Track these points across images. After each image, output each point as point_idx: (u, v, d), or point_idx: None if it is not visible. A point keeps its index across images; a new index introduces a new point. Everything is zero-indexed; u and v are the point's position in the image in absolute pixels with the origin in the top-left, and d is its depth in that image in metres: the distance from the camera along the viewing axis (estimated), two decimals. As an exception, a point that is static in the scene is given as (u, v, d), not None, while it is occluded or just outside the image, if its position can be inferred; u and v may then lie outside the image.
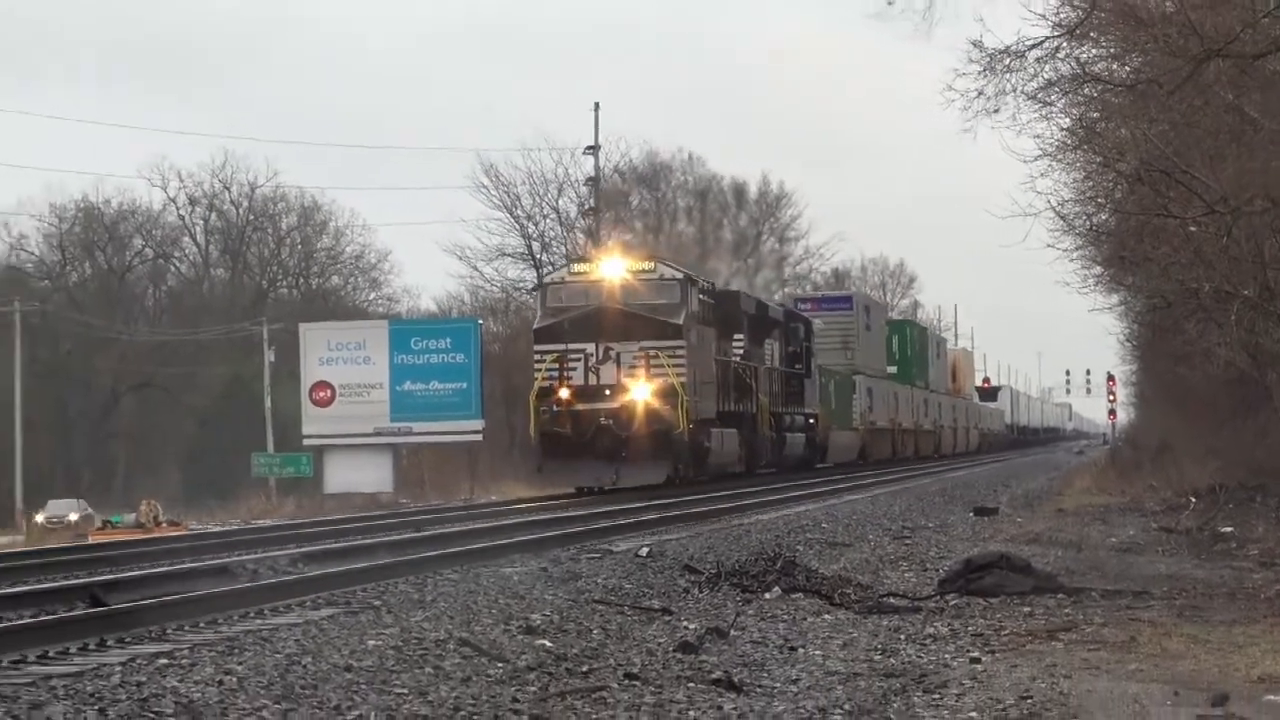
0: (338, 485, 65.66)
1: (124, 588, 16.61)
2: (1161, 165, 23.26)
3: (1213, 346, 36.53)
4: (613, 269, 40.19)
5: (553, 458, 39.21)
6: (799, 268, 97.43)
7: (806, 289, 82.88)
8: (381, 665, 11.93)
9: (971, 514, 31.46)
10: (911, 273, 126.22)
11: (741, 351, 46.52)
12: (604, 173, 78.36)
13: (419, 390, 65.96)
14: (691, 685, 11.67)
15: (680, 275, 40.90)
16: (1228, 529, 26.53)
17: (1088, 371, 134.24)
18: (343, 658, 12.16)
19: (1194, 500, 32.93)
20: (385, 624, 14.00)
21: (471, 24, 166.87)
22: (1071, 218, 31.82)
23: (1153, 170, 23.74)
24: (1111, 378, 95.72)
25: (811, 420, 54.34)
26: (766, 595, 17.02)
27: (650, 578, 18.22)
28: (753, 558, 19.25)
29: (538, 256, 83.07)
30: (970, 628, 14.95)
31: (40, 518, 68.76)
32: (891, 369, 72.45)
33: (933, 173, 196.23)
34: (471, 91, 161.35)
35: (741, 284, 55.65)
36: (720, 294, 45.50)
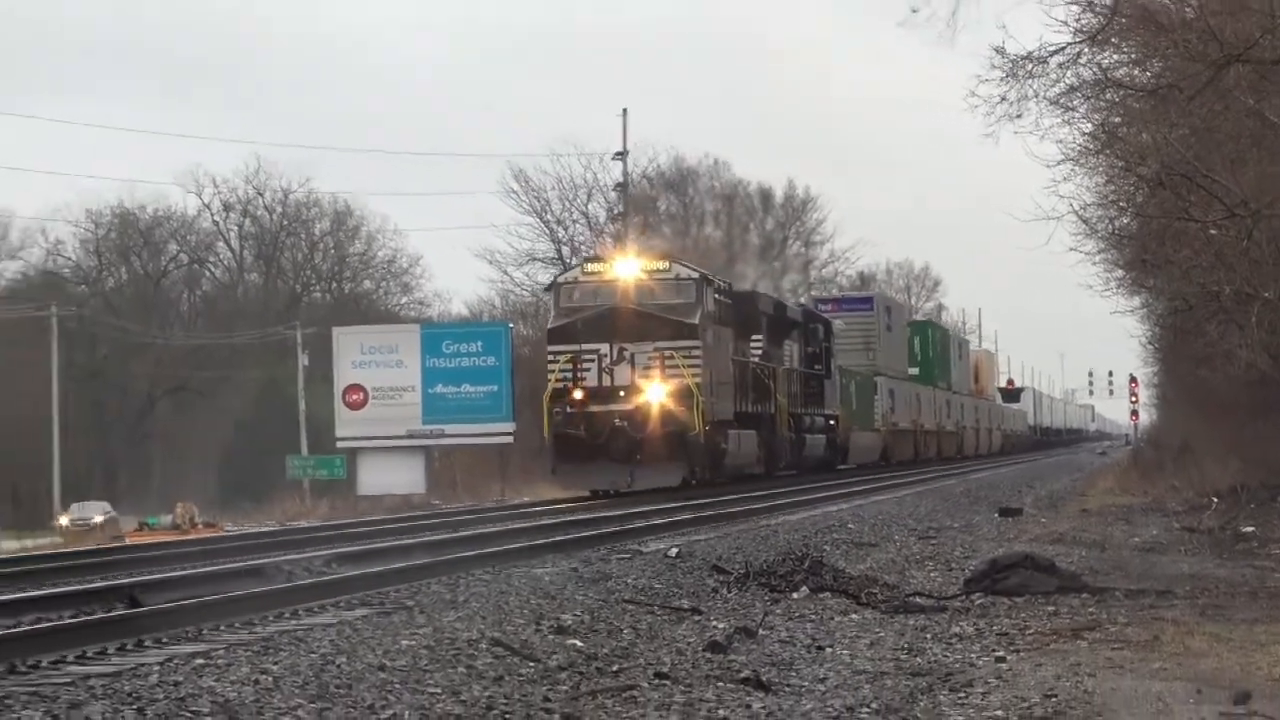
0: (371, 487, 65.63)
1: (161, 588, 16.72)
2: (1182, 169, 23.38)
3: (1234, 348, 36.52)
4: (627, 268, 39.46)
5: (567, 460, 38.55)
6: (824, 271, 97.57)
7: (833, 292, 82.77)
8: (415, 665, 11.95)
9: (996, 514, 31.42)
10: (936, 276, 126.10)
11: (760, 352, 45.74)
12: (632, 178, 78.47)
13: (451, 393, 65.94)
14: (721, 684, 11.72)
15: (696, 275, 40.00)
16: (1249, 529, 26.61)
17: (1110, 373, 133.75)
18: (376, 657, 12.20)
19: (1216, 500, 33.03)
20: (418, 624, 14.04)
21: (503, 30, 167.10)
22: (1094, 221, 31.88)
23: (1174, 174, 23.85)
24: (1134, 379, 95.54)
25: (832, 421, 53.74)
26: (794, 595, 17.07)
27: (679, 578, 18.28)
28: (780, 558, 19.33)
29: (568, 261, 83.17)
30: (995, 627, 15.01)
31: (65, 520, 68.88)
32: (913, 370, 72.23)
33: (957, 177, 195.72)
34: (502, 97, 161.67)
35: (768, 287, 55.28)
36: (737, 294, 44.41)
